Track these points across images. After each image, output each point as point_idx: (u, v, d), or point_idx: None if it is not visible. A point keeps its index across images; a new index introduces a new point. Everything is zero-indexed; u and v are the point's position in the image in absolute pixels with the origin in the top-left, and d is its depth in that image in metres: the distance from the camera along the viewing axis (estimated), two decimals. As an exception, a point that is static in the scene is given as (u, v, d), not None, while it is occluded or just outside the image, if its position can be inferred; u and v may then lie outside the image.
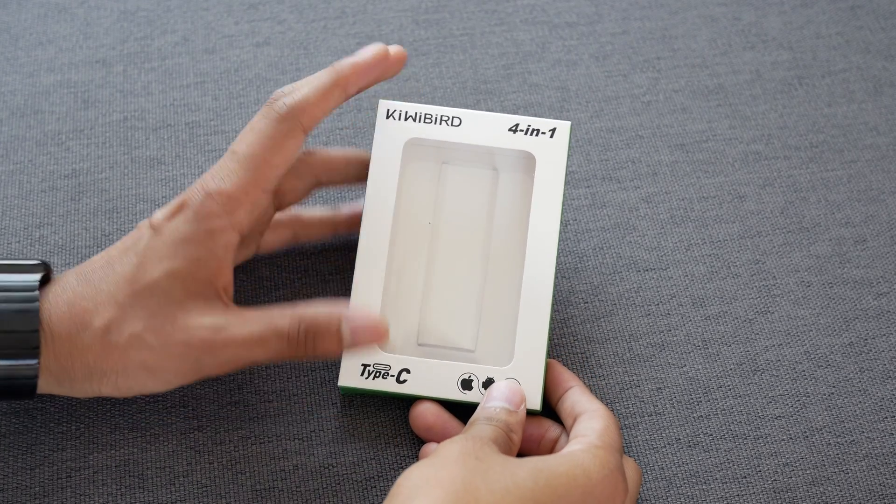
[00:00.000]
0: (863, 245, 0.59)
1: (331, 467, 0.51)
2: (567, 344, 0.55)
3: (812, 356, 0.55)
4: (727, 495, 0.51)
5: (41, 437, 0.52)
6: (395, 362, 0.51)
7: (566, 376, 0.52)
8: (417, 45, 0.65)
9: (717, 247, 0.58)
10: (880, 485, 0.52)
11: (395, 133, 0.54)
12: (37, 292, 0.47)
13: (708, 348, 0.55)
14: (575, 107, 0.63)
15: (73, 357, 0.47)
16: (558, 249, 0.55)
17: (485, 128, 0.54)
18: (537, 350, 0.51)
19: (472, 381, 0.51)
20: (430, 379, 0.51)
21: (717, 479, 0.51)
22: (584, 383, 0.53)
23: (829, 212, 0.60)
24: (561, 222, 0.54)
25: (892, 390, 0.54)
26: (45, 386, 0.48)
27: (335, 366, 0.54)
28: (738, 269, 0.57)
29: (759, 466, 0.52)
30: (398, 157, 0.53)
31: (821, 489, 0.51)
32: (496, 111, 0.62)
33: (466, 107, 0.62)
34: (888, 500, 0.51)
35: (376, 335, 0.49)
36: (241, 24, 0.66)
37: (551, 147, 0.53)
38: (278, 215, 0.55)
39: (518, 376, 0.51)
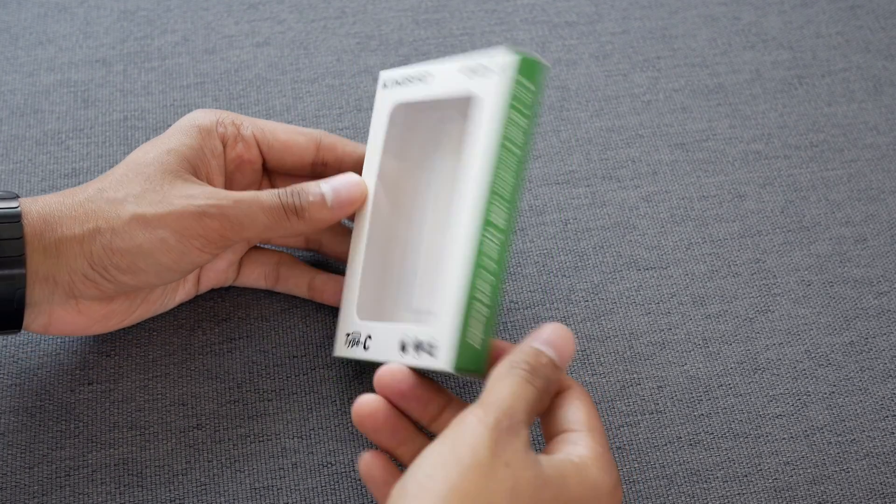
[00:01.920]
0: (863, 244, 0.59)
1: (330, 465, 0.51)
2: (567, 342, 0.55)
3: (812, 355, 0.55)
4: (728, 494, 0.51)
5: (40, 435, 0.51)
6: (364, 329, 0.50)
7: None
8: (417, 45, 0.65)
9: (717, 246, 0.58)
10: (881, 484, 0.52)
11: (384, 102, 0.52)
12: (16, 201, 0.47)
13: (708, 347, 0.55)
14: (575, 106, 0.63)
15: (61, 222, 0.46)
16: (499, 198, 0.47)
17: (447, 78, 0.50)
18: (453, 305, 0.46)
19: (405, 345, 0.47)
20: (383, 342, 0.48)
21: (717, 477, 0.51)
22: (580, 382, 0.52)
23: (830, 211, 0.60)
24: (500, 165, 0.47)
25: (892, 389, 0.54)
26: (32, 276, 0.46)
27: (334, 365, 0.54)
28: (738, 268, 0.57)
29: (759, 465, 0.52)
30: (384, 125, 0.52)
31: (821, 488, 0.51)
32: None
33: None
34: (888, 498, 0.51)
35: (357, 190, 0.50)
36: (241, 24, 0.66)
37: (494, 84, 0.47)
38: (262, 255, 0.55)
39: (432, 332, 0.46)
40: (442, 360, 0.45)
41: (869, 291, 0.57)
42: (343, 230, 0.55)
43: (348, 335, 0.51)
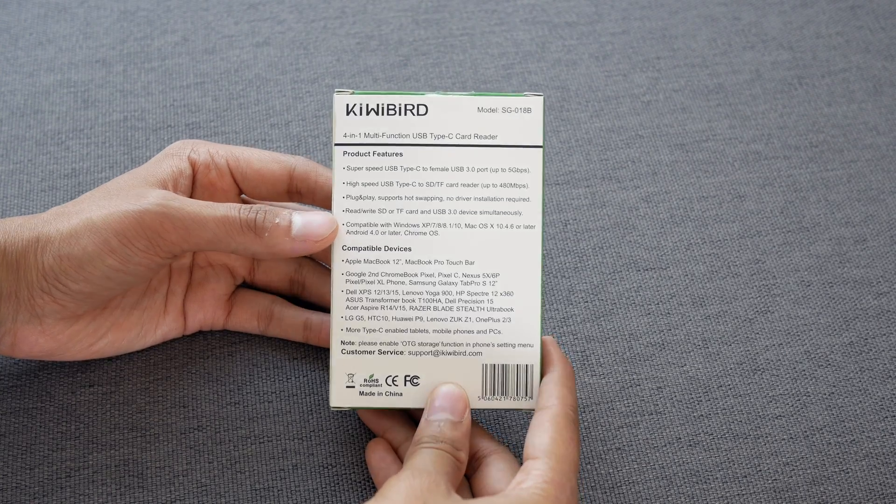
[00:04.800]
0: (863, 245, 0.59)
1: (330, 467, 0.51)
2: (567, 343, 0.55)
3: (812, 356, 0.55)
4: (727, 494, 0.51)
5: (40, 436, 0.52)
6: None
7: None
8: (417, 44, 0.65)
9: (716, 246, 0.58)
10: (881, 484, 0.52)
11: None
12: None
13: (708, 347, 0.55)
14: (575, 106, 0.63)
15: (20, 237, 0.47)
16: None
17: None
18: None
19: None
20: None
21: (717, 478, 0.51)
22: (575, 384, 0.51)
23: (829, 211, 0.60)
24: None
25: (892, 390, 0.54)
26: None
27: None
28: (738, 269, 0.57)
29: (759, 466, 0.52)
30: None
31: (821, 489, 0.51)
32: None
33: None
34: (888, 499, 0.51)
35: (326, 229, 0.48)
36: (240, 24, 0.66)
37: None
38: (254, 296, 0.54)
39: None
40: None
41: (869, 292, 0.57)
42: (328, 272, 0.54)
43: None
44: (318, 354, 0.54)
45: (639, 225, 0.59)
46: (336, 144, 0.49)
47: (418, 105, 0.49)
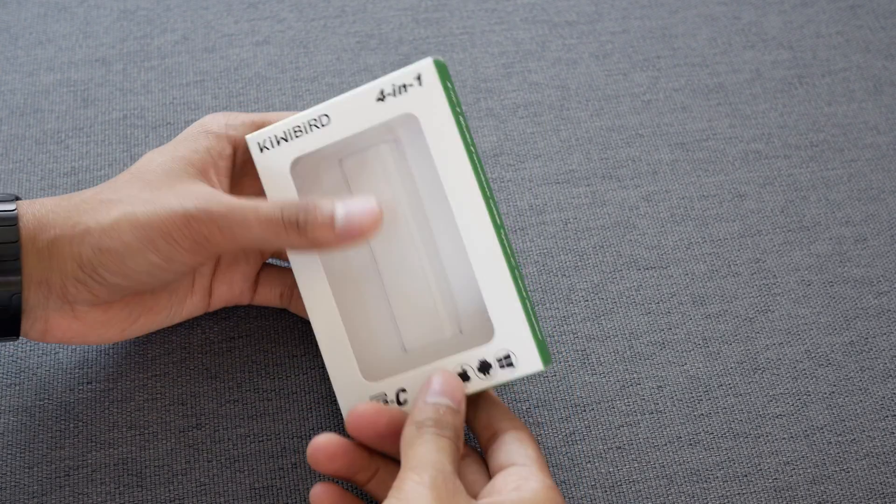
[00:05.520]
0: (863, 244, 0.59)
1: (330, 465, 0.51)
2: (568, 341, 0.55)
3: (812, 355, 0.55)
4: (728, 493, 0.51)
5: (39, 435, 0.51)
6: (388, 386, 0.49)
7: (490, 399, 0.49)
8: (417, 43, 0.65)
9: (717, 245, 0.58)
10: (881, 483, 0.52)
11: (274, 163, 0.50)
12: (13, 204, 0.47)
13: (708, 347, 0.55)
14: (575, 105, 0.63)
15: (54, 224, 0.46)
16: (488, 198, 0.48)
17: (354, 112, 0.48)
18: (513, 311, 0.47)
19: (466, 372, 0.48)
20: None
21: (717, 477, 0.51)
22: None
23: (830, 211, 0.60)
24: (475, 168, 0.48)
25: (892, 389, 0.54)
26: (27, 280, 0.46)
27: (334, 364, 0.54)
28: (738, 268, 0.57)
29: (759, 465, 0.52)
30: (291, 184, 0.50)
31: (821, 488, 0.51)
32: (496, 110, 0.62)
33: (466, 105, 0.62)
34: (889, 498, 0.51)
35: (370, 219, 0.47)
36: (240, 22, 0.66)
37: (426, 95, 0.47)
38: (279, 274, 0.54)
39: (505, 346, 0.47)
40: (530, 364, 0.47)
41: (869, 291, 0.57)
42: None
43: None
44: (318, 351, 0.54)
45: (639, 224, 0.59)
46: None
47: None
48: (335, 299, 0.50)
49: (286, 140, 0.49)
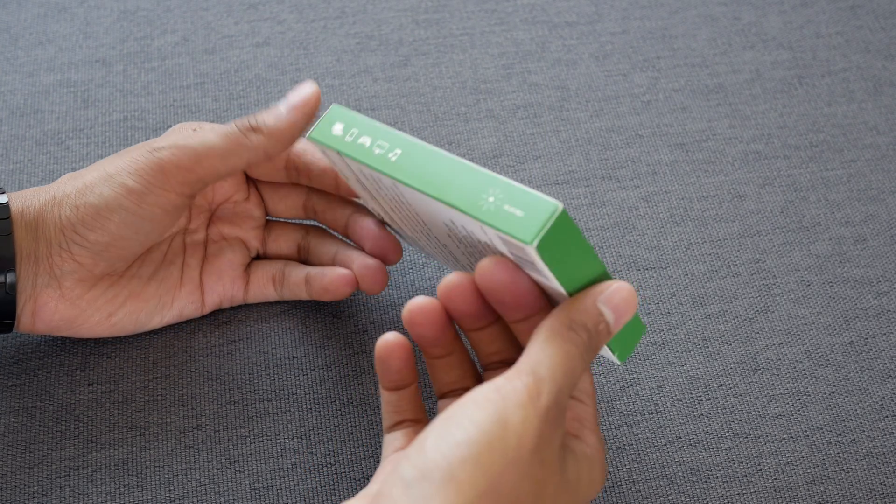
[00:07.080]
0: (863, 244, 0.59)
1: (329, 465, 0.51)
2: (567, 343, 0.55)
3: (812, 355, 0.55)
4: (727, 494, 0.51)
5: (40, 435, 0.52)
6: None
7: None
8: (417, 44, 0.65)
9: (716, 246, 0.58)
10: (881, 484, 0.52)
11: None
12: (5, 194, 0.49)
13: (708, 347, 0.55)
14: (574, 106, 0.63)
15: (36, 198, 0.49)
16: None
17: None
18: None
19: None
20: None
21: (717, 477, 0.51)
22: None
23: (829, 211, 0.60)
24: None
25: (892, 389, 0.54)
26: (17, 255, 0.48)
27: (334, 365, 0.54)
28: (738, 268, 0.57)
29: (759, 465, 0.52)
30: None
31: (821, 488, 0.51)
32: (496, 111, 0.62)
33: (466, 106, 0.62)
34: (888, 499, 0.51)
35: (311, 89, 0.49)
36: (240, 24, 0.66)
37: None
38: (266, 264, 0.54)
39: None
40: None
41: (869, 291, 0.57)
42: (338, 200, 0.54)
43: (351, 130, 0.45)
44: (318, 352, 0.54)
45: (639, 224, 0.59)
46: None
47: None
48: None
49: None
